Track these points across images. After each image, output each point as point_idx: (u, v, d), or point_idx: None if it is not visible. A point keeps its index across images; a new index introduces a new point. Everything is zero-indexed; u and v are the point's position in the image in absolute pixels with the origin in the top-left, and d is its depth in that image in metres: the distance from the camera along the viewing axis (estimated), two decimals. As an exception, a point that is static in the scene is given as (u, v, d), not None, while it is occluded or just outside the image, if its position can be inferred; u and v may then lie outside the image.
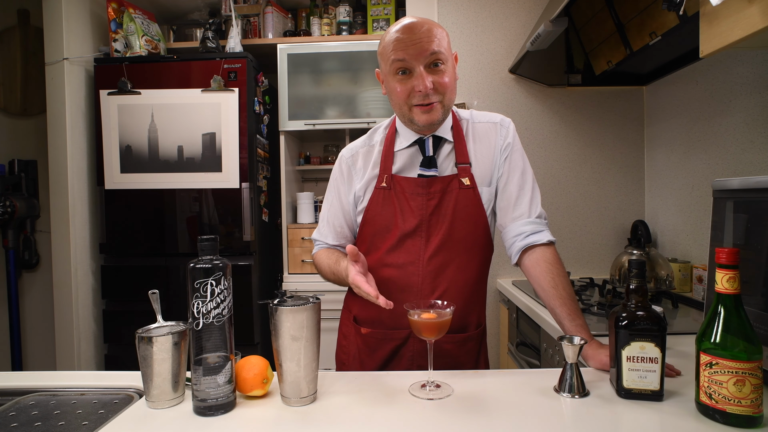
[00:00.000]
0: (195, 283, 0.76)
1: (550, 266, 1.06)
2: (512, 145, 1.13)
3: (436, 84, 1.00)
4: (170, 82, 2.19)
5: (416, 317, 0.84)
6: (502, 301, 2.18)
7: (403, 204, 1.07)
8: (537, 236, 1.08)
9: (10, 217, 2.47)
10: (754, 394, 0.70)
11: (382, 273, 1.07)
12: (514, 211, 1.10)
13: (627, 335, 0.81)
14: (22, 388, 0.92)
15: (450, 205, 1.06)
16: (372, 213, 1.09)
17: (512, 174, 1.11)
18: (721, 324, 0.72)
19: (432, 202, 1.06)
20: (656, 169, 2.09)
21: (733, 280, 0.72)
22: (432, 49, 0.98)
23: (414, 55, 0.98)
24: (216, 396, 0.77)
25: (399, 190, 1.08)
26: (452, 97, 1.06)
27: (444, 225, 1.05)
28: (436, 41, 0.99)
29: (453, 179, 1.07)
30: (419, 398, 0.82)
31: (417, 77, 0.99)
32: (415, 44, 0.98)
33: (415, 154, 1.10)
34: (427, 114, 1.02)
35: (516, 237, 1.10)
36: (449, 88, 1.03)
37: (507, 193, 1.11)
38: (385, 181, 1.09)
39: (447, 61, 1.02)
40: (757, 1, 0.84)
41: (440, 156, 1.10)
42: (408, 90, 1.01)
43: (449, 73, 1.02)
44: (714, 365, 0.72)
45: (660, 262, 1.63)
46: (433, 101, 1.01)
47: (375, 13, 2.39)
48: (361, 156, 1.14)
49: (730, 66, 1.57)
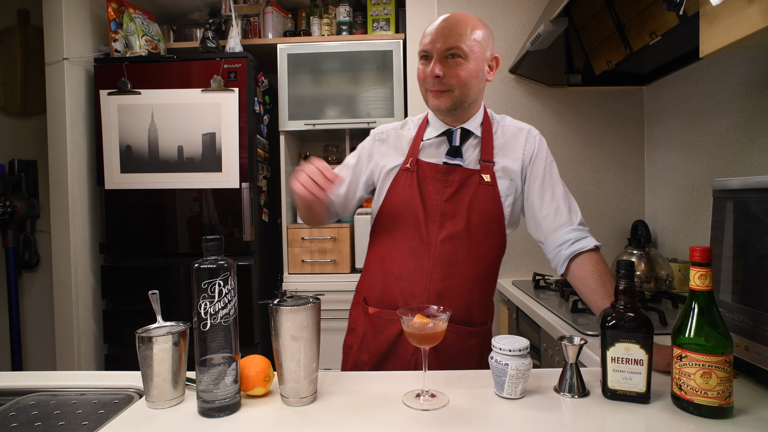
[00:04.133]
0: (202, 284, 0.76)
1: (596, 265, 1.07)
2: (543, 155, 1.17)
3: (448, 74, 1.05)
4: (170, 82, 2.19)
5: (407, 325, 0.83)
6: (502, 301, 2.17)
7: (423, 187, 1.12)
8: (583, 242, 1.09)
9: (10, 217, 2.47)
10: (721, 386, 0.73)
11: (395, 253, 1.13)
12: (556, 220, 1.12)
13: (612, 336, 0.81)
14: (22, 388, 0.92)
15: (467, 198, 1.10)
16: (392, 192, 1.15)
17: (546, 184, 1.14)
18: (694, 319, 0.76)
19: (448, 190, 1.10)
20: (656, 169, 2.09)
21: (705, 277, 0.76)
22: (451, 42, 1.05)
23: (433, 43, 1.06)
24: (223, 397, 0.77)
25: (420, 174, 1.13)
26: (470, 92, 1.09)
27: (458, 215, 1.09)
28: (458, 36, 1.05)
29: (474, 174, 1.11)
30: (414, 409, 0.80)
31: (431, 64, 1.07)
32: (437, 34, 1.06)
33: (442, 144, 1.15)
34: (437, 99, 1.09)
35: (561, 246, 1.10)
36: (464, 82, 1.06)
37: (545, 203, 1.13)
38: (410, 164, 1.14)
39: (468, 56, 1.05)
40: (757, 1, 0.84)
41: (466, 148, 1.14)
42: (424, 74, 1.09)
43: (467, 69, 1.06)
44: (683, 358, 0.76)
45: (660, 262, 1.63)
46: (443, 89, 1.07)
47: (375, 13, 2.39)
48: (391, 138, 1.21)
49: (730, 66, 1.57)
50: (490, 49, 1.12)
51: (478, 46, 1.07)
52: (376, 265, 1.18)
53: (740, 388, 0.85)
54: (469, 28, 1.06)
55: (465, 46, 1.05)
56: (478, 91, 1.12)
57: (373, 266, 1.19)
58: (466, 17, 1.09)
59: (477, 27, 1.08)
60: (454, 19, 1.08)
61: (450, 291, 1.08)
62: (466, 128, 1.14)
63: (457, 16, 1.09)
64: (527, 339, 0.85)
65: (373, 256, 1.21)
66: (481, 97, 1.15)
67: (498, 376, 0.83)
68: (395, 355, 1.11)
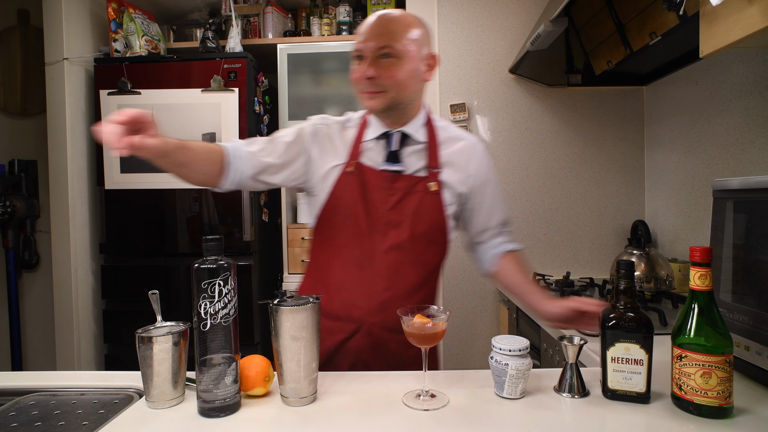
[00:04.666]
0: (202, 284, 0.76)
1: (516, 258, 1.17)
2: (491, 177, 1.17)
3: (381, 75, 1.01)
4: (170, 82, 2.19)
5: (407, 325, 0.83)
6: (502, 301, 2.18)
7: (366, 194, 1.07)
8: (506, 245, 1.18)
9: (10, 217, 2.47)
10: (721, 386, 0.73)
11: (337, 263, 1.09)
12: (489, 230, 1.17)
13: (612, 336, 0.81)
14: (22, 388, 0.92)
15: (412, 206, 1.06)
16: (334, 198, 1.09)
17: (485, 198, 1.15)
18: (693, 319, 0.76)
19: (393, 198, 1.06)
20: (656, 169, 2.09)
21: (705, 277, 0.76)
22: (384, 41, 1.01)
23: (366, 42, 1.02)
24: (224, 397, 0.77)
25: (364, 179, 1.07)
26: (406, 93, 1.05)
27: (403, 223, 1.06)
28: (391, 35, 1.01)
29: (420, 181, 1.08)
30: (414, 409, 0.80)
31: (364, 64, 1.02)
32: (370, 33, 1.02)
33: (382, 147, 1.10)
34: (371, 100, 1.04)
35: (489, 249, 1.18)
36: (399, 83, 1.02)
37: (484, 222, 1.16)
38: (352, 167, 1.08)
39: (403, 56, 1.01)
40: (757, 1, 0.84)
41: (406, 153, 1.10)
42: (358, 75, 1.04)
43: (402, 69, 1.02)
44: (683, 358, 0.76)
45: (660, 262, 1.63)
46: (377, 90, 1.02)
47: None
48: (333, 133, 1.13)
49: (730, 66, 1.57)
50: (428, 47, 1.08)
51: (413, 44, 1.03)
52: (317, 273, 1.14)
53: (740, 388, 0.84)
54: (402, 26, 1.03)
55: (399, 46, 1.01)
56: (416, 91, 1.08)
57: (315, 274, 1.15)
58: (400, 15, 1.05)
59: (412, 25, 1.04)
60: (388, 18, 1.04)
61: (393, 301, 1.03)
62: (405, 132, 1.09)
63: (390, 14, 1.05)
64: (527, 339, 0.85)
65: (314, 264, 1.16)
66: (420, 98, 1.11)
67: (498, 376, 0.83)
68: (333, 365, 1.06)
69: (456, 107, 2.23)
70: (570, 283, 1.90)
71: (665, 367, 0.84)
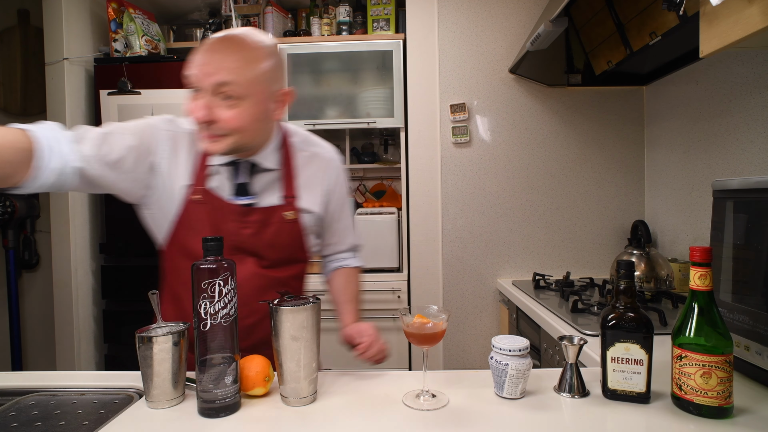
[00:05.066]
0: (202, 284, 0.76)
1: (348, 274, 1.18)
2: (342, 187, 1.14)
3: (220, 118, 0.87)
4: (170, 82, 2.19)
5: (407, 325, 0.83)
6: (502, 301, 2.18)
7: (218, 225, 0.97)
8: (348, 261, 1.20)
9: (10, 217, 2.46)
10: (721, 386, 0.73)
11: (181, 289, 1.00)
12: (337, 247, 1.19)
13: (612, 336, 0.81)
14: (22, 388, 0.92)
15: (268, 237, 0.99)
16: (182, 227, 0.98)
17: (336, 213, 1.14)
18: (693, 319, 0.76)
19: (247, 231, 0.98)
20: (656, 169, 2.09)
21: (705, 277, 0.76)
22: (223, 77, 0.85)
23: (202, 76, 0.86)
24: (224, 396, 0.77)
25: (212, 208, 0.97)
26: (251, 138, 0.93)
27: (260, 252, 1.00)
28: (233, 71, 0.86)
29: (276, 211, 1.00)
30: (414, 409, 0.80)
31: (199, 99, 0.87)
32: (207, 65, 0.86)
33: (230, 175, 0.99)
34: (209, 144, 0.91)
35: (332, 262, 1.21)
36: (241, 129, 0.89)
37: (333, 233, 1.16)
38: (199, 194, 0.96)
39: (247, 98, 0.87)
40: (757, 1, 0.84)
41: (259, 184, 1.00)
42: (191, 112, 0.89)
43: (245, 113, 0.88)
44: (683, 358, 0.76)
45: (660, 262, 1.63)
46: (215, 134, 0.89)
47: (375, 13, 2.39)
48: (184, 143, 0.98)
49: (730, 66, 1.57)
50: (279, 81, 0.94)
51: (261, 83, 0.89)
52: (172, 300, 1.04)
53: (740, 388, 0.85)
54: (249, 60, 0.87)
55: (242, 85, 0.86)
56: (265, 131, 0.97)
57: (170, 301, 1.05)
58: (246, 43, 0.89)
59: (260, 58, 0.89)
60: (231, 46, 0.88)
61: (260, 324, 0.99)
62: (255, 161, 0.99)
63: (234, 41, 0.88)
64: (527, 339, 0.85)
65: (168, 292, 1.05)
66: (271, 131, 1.00)
67: (498, 376, 0.83)
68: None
69: (456, 107, 2.23)
70: (570, 283, 1.90)
71: (665, 367, 0.84)
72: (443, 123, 2.24)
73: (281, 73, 0.95)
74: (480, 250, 2.24)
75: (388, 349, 1.03)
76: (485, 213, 2.24)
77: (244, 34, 0.91)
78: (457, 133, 2.23)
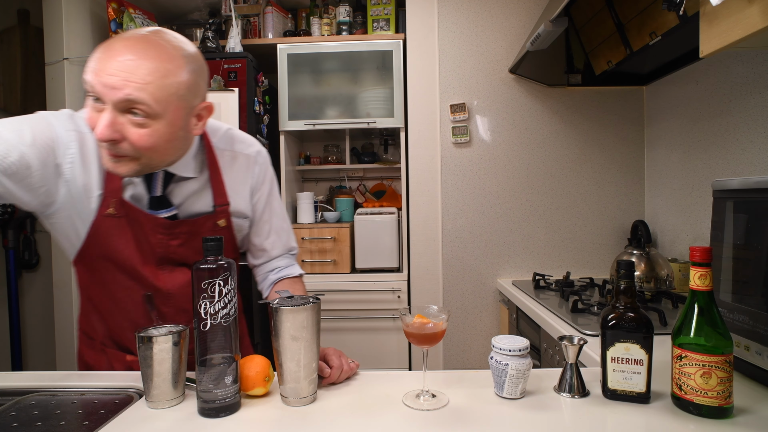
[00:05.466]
0: (202, 284, 0.76)
1: (292, 285, 1.07)
2: (267, 185, 1.05)
3: (126, 137, 0.76)
4: (170, 82, 2.19)
5: (407, 325, 0.83)
6: (502, 301, 2.18)
7: (140, 238, 0.89)
8: (289, 270, 1.10)
9: (10, 217, 2.46)
10: (721, 386, 0.73)
11: (120, 309, 0.95)
12: (271, 253, 1.08)
13: (612, 336, 0.81)
14: (22, 388, 0.92)
15: (199, 245, 0.88)
16: (98, 243, 0.89)
17: (265, 214, 1.05)
18: (694, 319, 0.76)
19: (175, 242, 0.92)
20: (656, 169, 2.09)
21: (705, 277, 0.76)
22: (129, 92, 0.72)
23: (102, 88, 0.73)
24: (224, 397, 0.77)
25: (133, 220, 0.88)
26: (164, 157, 0.82)
27: (190, 262, 0.94)
28: (143, 87, 0.72)
29: (206, 221, 0.93)
30: (414, 409, 0.80)
31: (102, 114, 0.74)
32: (111, 74, 0.72)
33: (144, 185, 0.89)
34: (113, 164, 0.79)
35: (270, 272, 1.09)
36: (151, 149, 0.78)
37: (262, 236, 1.06)
38: (113, 207, 0.86)
39: (159, 116, 0.75)
40: (757, 1, 0.84)
41: (181, 193, 0.92)
42: (92, 125, 0.77)
43: (156, 134, 0.76)
44: (683, 358, 0.76)
45: (660, 262, 1.63)
46: (120, 154, 0.78)
47: (375, 13, 2.39)
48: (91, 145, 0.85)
49: (730, 66, 1.57)
50: (200, 94, 0.82)
51: (178, 98, 0.77)
52: (97, 318, 0.99)
53: (740, 388, 0.85)
54: (163, 72, 0.74)
55: (154, 102, 0.73)
56: (182, 147, 0.86)
57: (95, 318, 0.99)
58: (161, 50, 0.75)
59: (178, 69, 0.76)
60: (142, 53, 0.73)
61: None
62: (171, 172, 0.89)
63: (147, 46, 0.74)
64: (527, 339, 0.85)
65: (90, 309, 0.99)
66: (189, 144, 0.89)
67: (498, 376, 0.83)
68: None
69: (456, 107, 2.23)
70: (570, 283, 1.90)
71: (665, 367, 0.84)
72: (443, 123, 2.24)
73: (203, 82, 0.83)
74: (480, 250, 2.25)
75: (355, 366, 0.95)
76: (485, 213, 2.24)
77: (158, 37, 0.77)
78: (457, 133, 2.23)
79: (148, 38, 0.76)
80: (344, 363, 0.92)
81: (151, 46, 0.75)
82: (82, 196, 0.86)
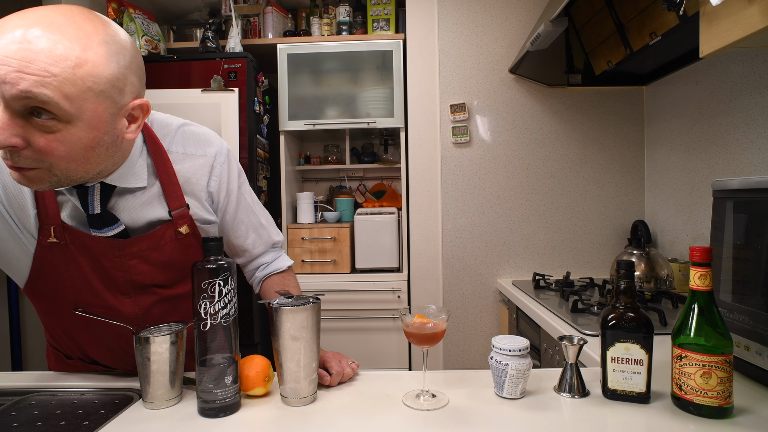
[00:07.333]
0: (202, 284, 0.76)
1: (282, 279, 1.05)
2: (234, 184, 0.95)
3: (31, 145, 0.60)
4: (170, 82, 2.19)
5: (407, 325, 0.83)
6: (502, 301, 2.18)
7: (93, 263, 0.80)
8: (276, 264, 1.06)
9: (10, 217, 2.46)
10: (721, 386, 0.73)
11: (91, 335, 0.90)
12: (253, 252, 1.02)
13: (612, 336, 0.81)
14: (22, 388, 0.92)
15: (162, 260, 0.84)
16: (47, 275, 0.80)
17: (239, 214, 0.97)
18: (693, 319, 0.76)
19: (132, 261, 0.82)
20: (656, 169, 2.09)
21: (705, 277, 0.76)
22: (20, 88, 0.55)
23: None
24: (223, 397, 0.77)
25: (80, 246, 0.78)
26: (87, 168, 0.67)
27: (156, 277, 0.86)
28: (47, 78, 0.55)
29: (165, 231, 0.83)
30: (415, 409, 0.80)
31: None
32: (5, 63, 0.54)
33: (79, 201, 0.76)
34: (19, 176, 0.63)
35: (257, 269, 1.05)
36: (67, 159, 0.62)
37: (239, 236, 0.99)
38: (54, 234, 0.75)
39: (72, 118, 0.59)
40: (757, 1, 0.84)
41: (126, 207, 0.80)
42: None
43: (71, 140, 0.61)
44: (683, 358, 0.76)
45: (660, 262, 1.63)
46: (26, 166, 0.62)
47: (375, 13, 2.39)
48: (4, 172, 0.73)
49: (730, 66, 1.57)
50: (131, 92, 0.67)
51: (95, 95, 0.60)
52: (69, 341, 0.94)
53: (740, 388, 0.85)
54: (72, 60, 0.57)
55: (62, 99, 0.57)
56: (112, 155, 0.70)
57: (66, 341, 0.94)
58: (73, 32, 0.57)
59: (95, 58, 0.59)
60: (44, 35, 0.55)
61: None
62: (109, 183, 0.76)
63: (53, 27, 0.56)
64: (527, 339, 0.85)
65: (59, 332, 0.93)
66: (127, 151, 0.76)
67: (498, 376, 0.83)
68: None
69: (456, 107, 2.23)
70: (570, 283, 1.90)
71: (665, 367, 0.84)
72: (443, 123, 2.24)
73: (134, 77, 0.67)
74: (480, 250, 2.25)
75: (356, 367, 0.94)
76: (485, 213, 2.24)
77: (70, 15, 0.58)
78: (457, 133, 2.23)
79: (56, 17, 0.57)
80: (344, 366, 0.92)
81: (60, 27, 0.57)
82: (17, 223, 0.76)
